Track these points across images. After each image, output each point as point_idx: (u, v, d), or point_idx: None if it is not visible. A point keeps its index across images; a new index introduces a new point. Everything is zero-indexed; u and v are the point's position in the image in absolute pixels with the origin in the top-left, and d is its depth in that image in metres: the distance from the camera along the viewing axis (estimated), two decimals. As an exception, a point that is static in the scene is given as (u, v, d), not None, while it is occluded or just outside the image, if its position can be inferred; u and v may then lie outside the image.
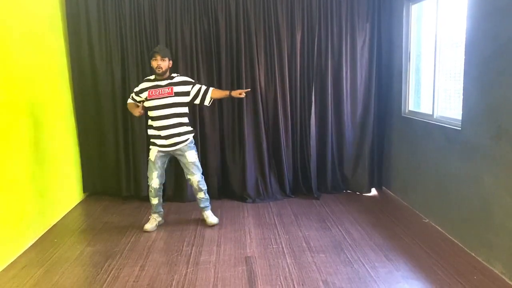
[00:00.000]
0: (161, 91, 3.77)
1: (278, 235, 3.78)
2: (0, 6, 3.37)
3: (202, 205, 4.05)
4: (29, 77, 3.76)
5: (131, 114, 4.17)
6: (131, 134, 4.75)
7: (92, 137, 4.85)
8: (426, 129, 4.02)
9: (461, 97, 3.43)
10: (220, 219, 4.19)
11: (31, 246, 3.61)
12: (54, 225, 4.10)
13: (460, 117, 3.46)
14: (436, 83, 3.94)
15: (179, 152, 3.87)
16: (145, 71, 4.67)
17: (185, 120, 3.89)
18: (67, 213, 4.44)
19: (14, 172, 3.44)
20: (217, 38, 4.65)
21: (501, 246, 2.96)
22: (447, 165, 3.65)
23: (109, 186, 4.96)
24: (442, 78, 3.94)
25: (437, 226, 3.85)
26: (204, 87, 3.92)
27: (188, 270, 3.15)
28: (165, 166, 4.00)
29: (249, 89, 4.36)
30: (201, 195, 3.99)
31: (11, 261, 3.32)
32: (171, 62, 3.85)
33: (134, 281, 2.98)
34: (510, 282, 2.84)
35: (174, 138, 3.80)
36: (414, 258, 3.26)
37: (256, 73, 4.64)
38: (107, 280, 3.01)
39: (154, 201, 3.96)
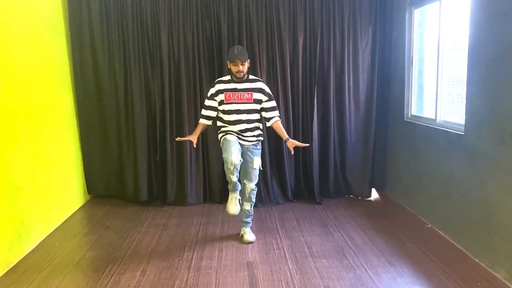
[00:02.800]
0: (240, 95, 3.55)
1: (280, 240, 3.76)
2: (1, 7, 3.37)
3: (244, 219, 3.78)
4: (30, 79, 3.76)
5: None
6: (133, 137, 4.74)
7: (94, 140, 4.84)
8: (429, 133, 4.00)
9: (464, 101, 3.41)
10: (222, 223, 4.18)
11: (32, 250, 3.59)
12: (56, 229, 4.08)
13: (463, 122, 3.45)
14: (439, 88, 3.93)
15: (248, 153, 3.64)
16: (147, 74, 4.68)
17: (258, 124, 3.68)
18: (69, 217, 4.43)
19: (15, 176, 3.43)
20: (219, 42, 4.65)
21: (505, 252, 2.94)
22: (450, 170, 3.63)
23: (112, 189, 4.94)
24: (445, 82, 3.92)
25: (440, 232, 3.83)
26: (277, 112, 3.68)
27: (190, 275, 3.13)
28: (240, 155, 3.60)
29: (308, 145, 3.85)
30: (247, 207, 3.73)
31: (12, 265, 3.31)
32: (249, 61, 3.59)
33: (135, 286, 2.97)
34: (514, 289, 2.82)
35: (245, 140, 3.62)
36: (417, 264, 3.24)
37: (258, 77, 4.62)
38: (108, 285, 2.99)
39: (234, 178, 3.54)
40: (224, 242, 3.72)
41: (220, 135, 3.70)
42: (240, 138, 3.60)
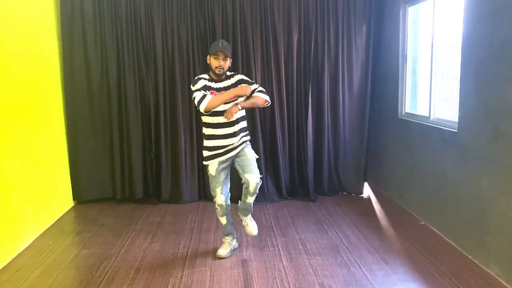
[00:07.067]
0: None
1: (275, 237, 3.77)
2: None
3: (245, 209, 3.39)
4: (22, 79, 3.73)
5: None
6: (128, 135, 4.70)
7: (84, 140, 4.71)
8: (423, 131, 4.02)
9: (458, 99, 3.43)
10: (216, 221, 4.16)
11: (25, 248, 3.58)
12: (49, 227, 4.06)
13: (456, 119, 3.46)
14: (432, 85, 3.94)
15: (239, 154, 3.26)
16: (141, 71, 4.66)
17: (245, 123, 3.33)
18: (62, 215, 4.41)
19: (8, 175, 3.41)
20: (213, 39, 4.62)
21: (497, 248, 2.96)
22: (444, 167, 3.64)
23: (102, 190, 4.84)
24: (439, 80, 3.94)
25: (433, 228, 3.85)
26: (258, 88, 3.24)
27: (184, 273, 3.13)
28: (229, 177, 3.38)
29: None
30: (251, 200, 3.29)
31: (5, 264, 3.29)
32: (231, 60, 3.24)
33: (129, 284, 2.96)
34: (506, 285, 2.84)
35: (235, 143, 3.22)
36: (411, 260, 3.26)
37: (253, 75, 4.62)
38: (102, 283, 2.98)
39: (223, 220, 3.39)
40: (219, 240, 3.71)
41: (204, 154, 3.30)
42: (228, 151, 3.23)
